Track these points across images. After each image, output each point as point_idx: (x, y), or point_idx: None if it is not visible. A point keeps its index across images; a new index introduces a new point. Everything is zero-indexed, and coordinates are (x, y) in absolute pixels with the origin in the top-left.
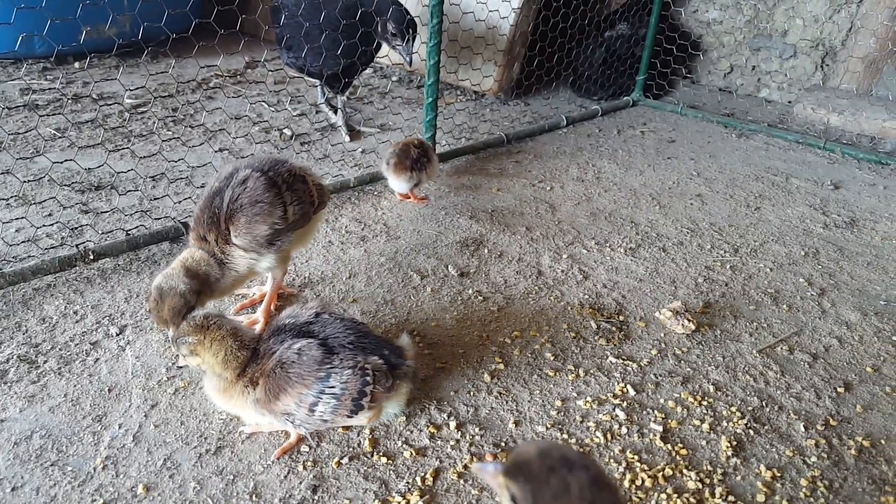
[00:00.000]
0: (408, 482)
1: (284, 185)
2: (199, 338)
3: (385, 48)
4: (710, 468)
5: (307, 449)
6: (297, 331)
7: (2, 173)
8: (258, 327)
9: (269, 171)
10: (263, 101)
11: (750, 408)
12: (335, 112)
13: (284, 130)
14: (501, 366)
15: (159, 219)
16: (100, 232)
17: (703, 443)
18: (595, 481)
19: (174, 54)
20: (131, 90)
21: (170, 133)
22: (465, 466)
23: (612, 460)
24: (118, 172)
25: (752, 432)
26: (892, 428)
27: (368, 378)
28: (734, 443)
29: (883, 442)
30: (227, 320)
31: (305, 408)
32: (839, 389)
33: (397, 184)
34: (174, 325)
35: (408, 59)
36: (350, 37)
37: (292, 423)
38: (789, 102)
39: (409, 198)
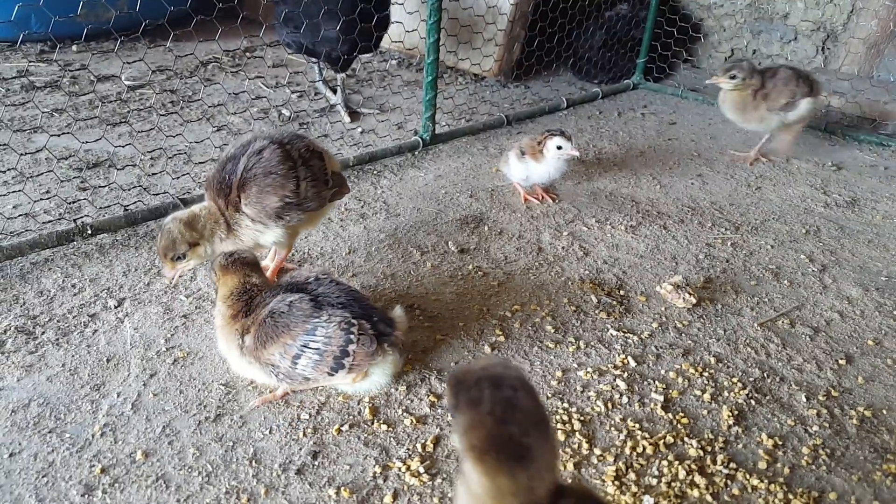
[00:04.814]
0: (408, 449)
1: (300, 160)
2: (220, 274)
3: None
4: (711, 436)
5: (307, 417)
6: (292, 287)
7: None
8: None
9: (287, 144)
10: (262, 83)
11: (751, 379)
12: (334, 92)
13: (283, 110)
14: (502, 338)
15: (158, 195)
16: (98, 207)
17: (705, 412)
18: (508, 401)
19: (173, 30)
20: (129, 62)
21: (168, 112)
22: None
23: (612, 428)
24: (116, 146)
25: (753, 402)
26: (893, 399)
27: (352, 337)
28: (735, 412)
29: (884, 412)
30: (246, 268)
31: (289, 359)
32: (840, 361)
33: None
34: (165, 263)
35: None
36: (349, 14)
37: (276, 377)
38: None
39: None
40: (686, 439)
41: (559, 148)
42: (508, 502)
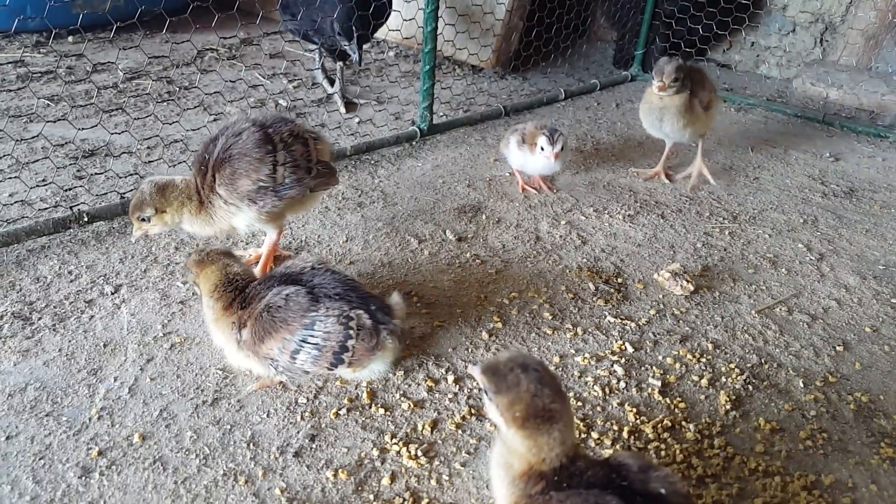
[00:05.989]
0: (406, 432)
1: (281, 144)
2: (197, 271)
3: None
4: (708, 421)
5: (305, 400)
6: (287, 278)
7: None
8: None
9: (269, 128)
10: (259, 73)
11: (749, 365)
12: (332, 83)
13: (279, 100)
14: (499, 325)
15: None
16: (94, 195)
17: (702, 397)
18: (540, 379)
19: (169, 19)
20: (125, 48)
21: (164, 100)
22: (464, 418)
23: (610, 413)
24: (113, 134)
25: (751, 388)
26: (890, 384)
27: (352, 332)
28: (733, 397)
29: (882, 397)
30: (226, 260)
31: (287, 354)
32: (838, 348)
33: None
34: (132, 220)
35: (356, 57)
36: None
37: (275, 370)
38: (788, 79)
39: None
40: (684, 423)
41: (542, 149)
42: (546, 453)
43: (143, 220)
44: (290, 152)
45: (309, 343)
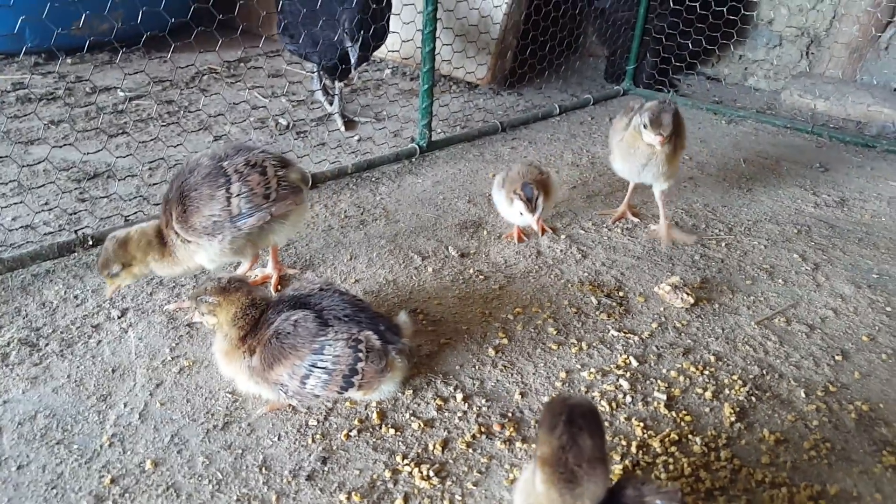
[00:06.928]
0: (417, 452)
1: (236, 175)
2: (219, 299)
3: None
4: (714, 433)
5: (315, 422)
6: (295, 302)
7: None
8: None
9: (225, 160)
10: (259, 93)
11: (751, 376)
12: (331, 102)
13: (280, 120)
14: (505, 340)
15: (158, 205)
16: (98, 218)
17: (707, 410)
18: (575, 437)
19: (173, 40)
20: (129, 74)
21: (166, 123)
22: (474, 436)
23: (618, 428)
24: (116, 157)
25: (754, 399)
26: (889, 393)
27: (361, 355)
28: (737, 409)
29: (881, 406)
30: (246, 286)
31: (297, 380)
32: (837, 357)
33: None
34: (104, 278)
35: (354, 58)
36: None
37: (285, 394)
38: (776, 91)
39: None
40: (690, 437)
41: (520, 213)
42: None
43: (114, 275)
44: (245, 182)
45: (318, 368)
